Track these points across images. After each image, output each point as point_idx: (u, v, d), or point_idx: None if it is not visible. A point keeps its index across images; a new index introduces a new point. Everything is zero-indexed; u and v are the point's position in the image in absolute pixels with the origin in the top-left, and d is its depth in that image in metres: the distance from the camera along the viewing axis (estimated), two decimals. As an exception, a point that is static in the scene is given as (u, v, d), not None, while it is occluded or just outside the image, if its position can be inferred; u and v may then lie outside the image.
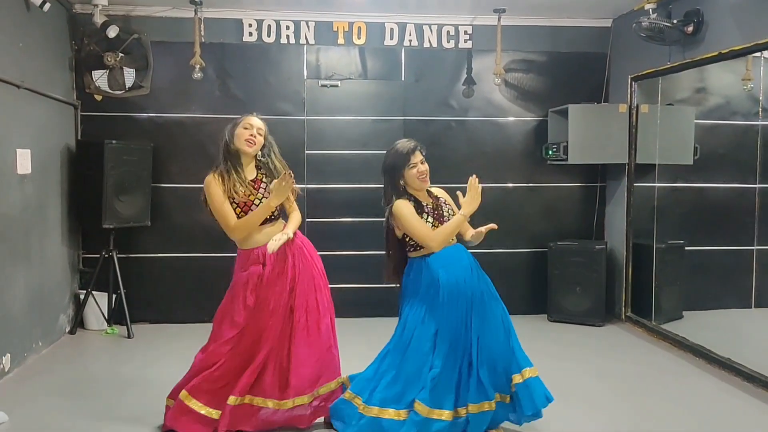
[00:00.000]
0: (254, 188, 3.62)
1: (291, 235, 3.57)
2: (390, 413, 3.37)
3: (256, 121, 3.69)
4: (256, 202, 3.59)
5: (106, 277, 5.69)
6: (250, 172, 3.68)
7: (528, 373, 3.51)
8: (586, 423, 3.83)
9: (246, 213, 3.58)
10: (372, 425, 3.37)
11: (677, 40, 5.13)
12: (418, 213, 3.54)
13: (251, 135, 3.63)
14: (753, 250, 5.14)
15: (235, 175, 3.59)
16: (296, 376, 3.57)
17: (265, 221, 3.63)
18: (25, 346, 4.84)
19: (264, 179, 3.67)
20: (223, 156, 3.64)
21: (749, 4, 4.52)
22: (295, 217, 3.75)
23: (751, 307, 5.08)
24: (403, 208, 3.52)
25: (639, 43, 5.50)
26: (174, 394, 3.64)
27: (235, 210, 3.59)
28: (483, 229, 3.56)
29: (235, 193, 3.56)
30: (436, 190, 3.77)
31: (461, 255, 3.60)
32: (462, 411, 3.38)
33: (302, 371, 3.58)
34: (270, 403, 3.58)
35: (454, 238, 3.63)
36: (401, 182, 3.59)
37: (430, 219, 3.56)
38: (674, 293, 6.02)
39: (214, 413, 3.53)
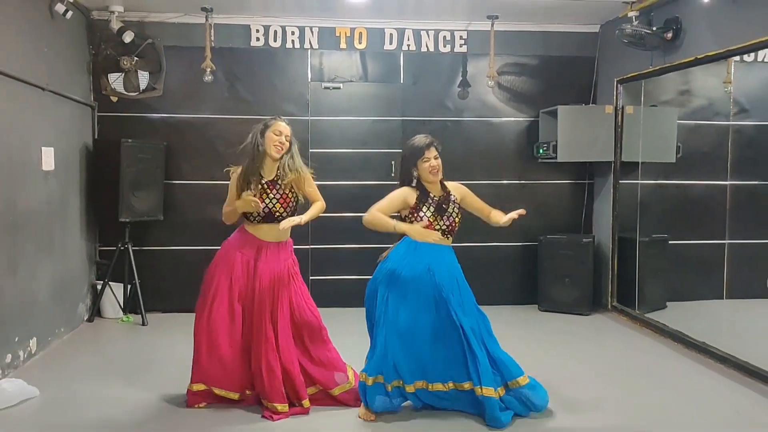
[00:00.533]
0: (268, 190, 3.91)
1: (303, 221, 3.85)
2: None
3: (285, 128, 3.97)
4: (267, 202, 3.89)
5: (122, 268, 6.02)
6: (270, 172, 3.96)
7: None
8: (573, 402, 4.13)
9: (258, 211, 3.88)
10: None
11: (657, 45, 5.44)
12: (420, 203, 3.81)
13: (280, 141, 3.91)
14: (725, 243, 5.47)
15: (253, 176, 3.91)
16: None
17: (271, 219, 3.91)
18: (48, 331, 5.17)
19: (279, 180, 3.94)
20: (252, 155, 3.94)
21: (723, 13, 4.85)
22: (318, 206, 4.05)
23: (723, 298, 5.43)
24: (395, 191, 3.88)
25: (624, 47, 5.80)
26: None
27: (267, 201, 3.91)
28: (514, 214, 3.92)
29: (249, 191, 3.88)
30: (454, 187, 4.01)
31: (444, 256, 3.86)
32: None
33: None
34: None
35: (450, 237, 3.90)
36: (415, 173, 3.86)
37: (430, 210, 3.81)
38: (658, 284, 6.33)
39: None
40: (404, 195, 3.84)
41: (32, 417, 3.84)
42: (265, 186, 3.92)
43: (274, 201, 3.91)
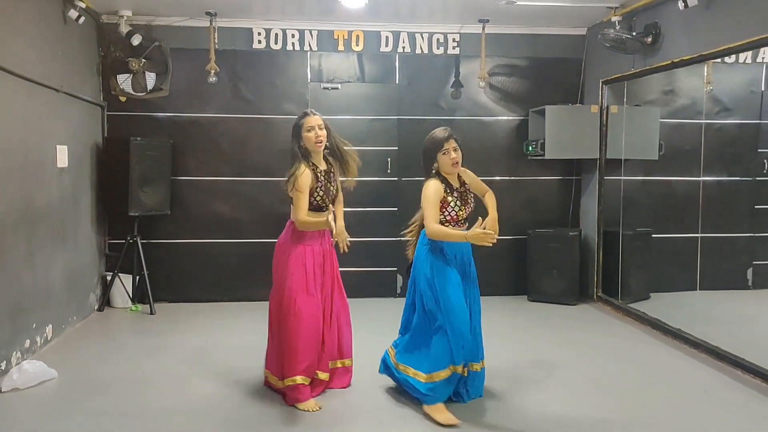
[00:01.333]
0: (329, 180, 4.04)
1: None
2: None
3: (315, 120, 3.98)
4: (331, 188, 4.04)
5: (131, 260, 6.30)
6: (321, 163, 4.05)
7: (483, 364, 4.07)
8: (560, 384, 4.43)
9: (323, 200, 3.97)
10: None
11: (638, 49, 5.71)
12: (447, 193, 3.86)
13: (317, 135, 3.95)
14: (698, 237, 5.76)
15: (314, 172, 3.95)
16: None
17: (318, 209, 4.00)
18: (63, 319, 5.47)
19: (333, 169, 4.10)
20: (302, 155, 3.97)
21: (699, 19, 5.12)
22: (341, 207, 4.28)
23: (696, 289, 5.74)
24: (430, 187, 3.83)
25: (608, 50, 6.05)
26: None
27: (317, 193, 3.95)
28: (489, 221, 3.84)
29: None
30: (463, 173, 4.05)
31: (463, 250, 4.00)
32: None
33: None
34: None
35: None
36: (434, 165, 3.91)
37: (458, 202, 3.90)
38: (641, 276, 6.59)
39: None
40: (438, 191, 3.84)
41: (53, 397, 4.15)
42: (325, 176, 4.04)
43: (332, 189, 4.08)
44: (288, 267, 3.97)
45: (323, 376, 4.11)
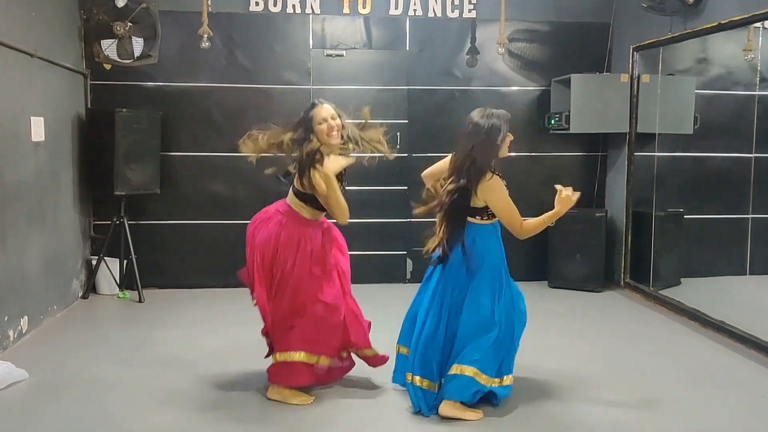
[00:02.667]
0: (341, 179, 3.70)
1: None
2: None
3: (326, 112, 3.62)
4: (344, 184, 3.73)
5: (118, 243, 5.84)
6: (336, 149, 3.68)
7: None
8: (584, 383, 3.97)
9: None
10: None
11: (678, 10, 5.20)
12: None
13: (329, 128, 3.59)
14: (749, 218, 5.27)
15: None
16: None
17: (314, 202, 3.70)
18: (41, 309, 5.00)
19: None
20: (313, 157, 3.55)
21: (749, -25, 4.60)
22: None
23: (746, 274, 5.23)
24: (500, 185, 3.50)
25: (641, 13, 5.58)
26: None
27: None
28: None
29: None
30: None
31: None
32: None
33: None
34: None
35: None
36: (495, 157, 3.51)
37: None
38: (672, 260, 6.16)
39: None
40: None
41: (20, 401, 3.66)
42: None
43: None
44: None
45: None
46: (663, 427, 3.37)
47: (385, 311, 4.47)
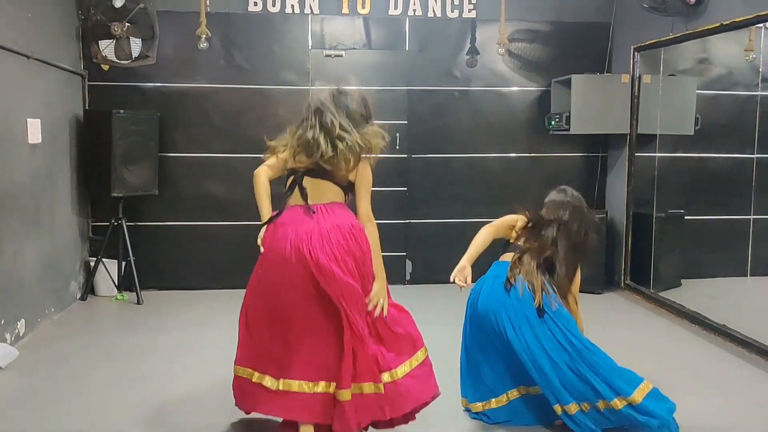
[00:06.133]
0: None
1: None
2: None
3: None
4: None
5: (116, 244, 5.81)
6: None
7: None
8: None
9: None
10: None
11: (680, 11, 5.17)
12: None
13: None
14: (750, 219, 5.23)
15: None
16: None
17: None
18: (37, 312, 4.97)
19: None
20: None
21: (752, -25, 4.56)
22: None
23: (747, 276, 5.19)
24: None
25: (642, 13, 5.54)
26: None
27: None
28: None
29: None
30: None
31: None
32: None
33: None
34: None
35: None
36: None
37: None
38: (673, 262, 6.11)
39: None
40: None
41: (8, 406, 3.63)
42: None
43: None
44: None
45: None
46: None
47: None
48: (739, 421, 3.53)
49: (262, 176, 3.20)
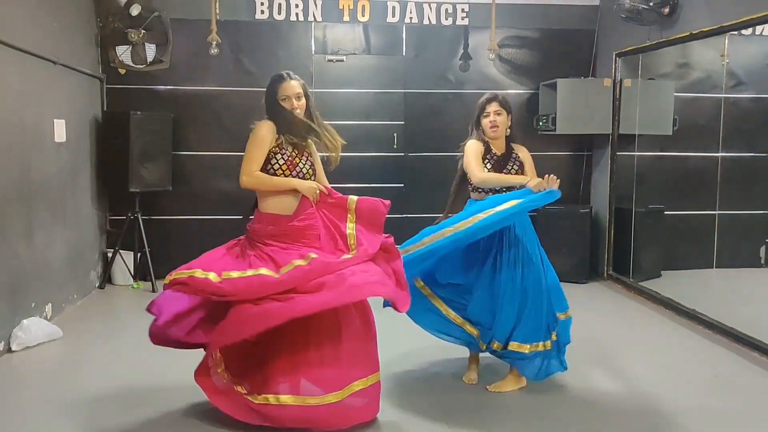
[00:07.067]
0: (301, 154, 3.47)
1: None
2: None
3: (292, 88, 3.42)
4: (300, 166, 3.47)
5: (132, 237, 6.18)
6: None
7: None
8: (569, 365, 4.25)
9: (285, 173, 3.42)
10: None
11: (655, 20, 5.53)
12: (483, 156, 3.85)
13: (292, 106, 3.42)
14: (715, 214, 5.63)
15: (286, 134, 3.41)
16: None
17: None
18: (63, 297, 5.37)
19: (307, 147, 3.54)
20: (274, 114, 3.42)
21: (718, -10, 4.95)
22: None
23: (713, 267, 5.60)
24: (470, 146, 3.89)
25: (623, 21, 5.87)
26: None
27: (279, 165, 3.44)
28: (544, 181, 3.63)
29: (282, 149, 3.43)
30: (518, 148, 3.98)
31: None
32: None
33: None
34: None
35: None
36: (479, 129, 3.92)
37: (489, 165, 3.85)
38: (653, 254, 6.48)
39: None
40: (478, 149, 3.87)
41: (55, 367, 4.04)
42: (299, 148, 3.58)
43: (306, 167, 3.58)
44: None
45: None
46: (642, 408, 3.71)
47: (379, 307, 4.72)
48: (698, 388, 3.95)
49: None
